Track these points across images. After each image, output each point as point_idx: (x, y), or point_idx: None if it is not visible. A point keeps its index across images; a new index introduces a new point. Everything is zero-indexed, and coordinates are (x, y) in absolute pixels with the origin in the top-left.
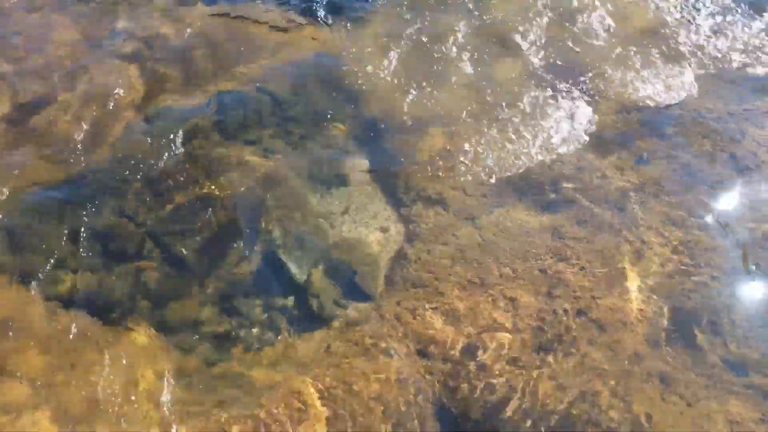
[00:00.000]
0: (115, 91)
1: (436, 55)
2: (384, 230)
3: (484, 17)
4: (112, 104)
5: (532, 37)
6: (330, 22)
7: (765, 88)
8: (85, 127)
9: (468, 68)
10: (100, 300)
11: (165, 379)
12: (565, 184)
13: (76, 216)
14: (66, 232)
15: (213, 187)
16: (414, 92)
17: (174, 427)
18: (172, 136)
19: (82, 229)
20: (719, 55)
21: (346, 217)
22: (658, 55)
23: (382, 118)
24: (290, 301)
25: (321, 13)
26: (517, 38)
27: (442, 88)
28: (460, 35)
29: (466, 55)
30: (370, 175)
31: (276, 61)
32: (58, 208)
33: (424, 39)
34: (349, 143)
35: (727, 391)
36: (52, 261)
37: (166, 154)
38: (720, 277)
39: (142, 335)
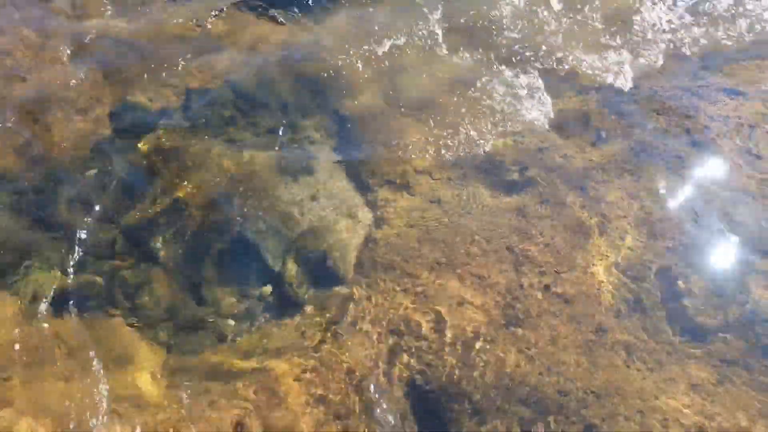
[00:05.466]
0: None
1: (399, 45)
2: (352, 216)
3: (448, 7)
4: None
5: (495, 23)
6: (295, 14)
7: (716, 65)
8: (51, 124)
9: (431, 56)
10: (77, 297)
11: (146, 371)
12: (527, 165)
13: (48, 213)
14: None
15: (183, 180)
16: (378, 81)
17: (157, 416)
18: (140, 132)
19: (56, 226)
20: (672, 34)
21: (315, 205)
22: (614, 36)
23: (348, 107)
24: (264, 289)
25: (286, 6)
26: (481, 25)
27: (405, 76)
28: (423, 25)
29: (429, 44)
30: (336, 162)
31: (243, 55)
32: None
33: (389, 30)
34: (315, 132)
35: (687, 357)
36: (26, 260)
37: (134, 150)
38: (678, 249)
39: (121, 329)
